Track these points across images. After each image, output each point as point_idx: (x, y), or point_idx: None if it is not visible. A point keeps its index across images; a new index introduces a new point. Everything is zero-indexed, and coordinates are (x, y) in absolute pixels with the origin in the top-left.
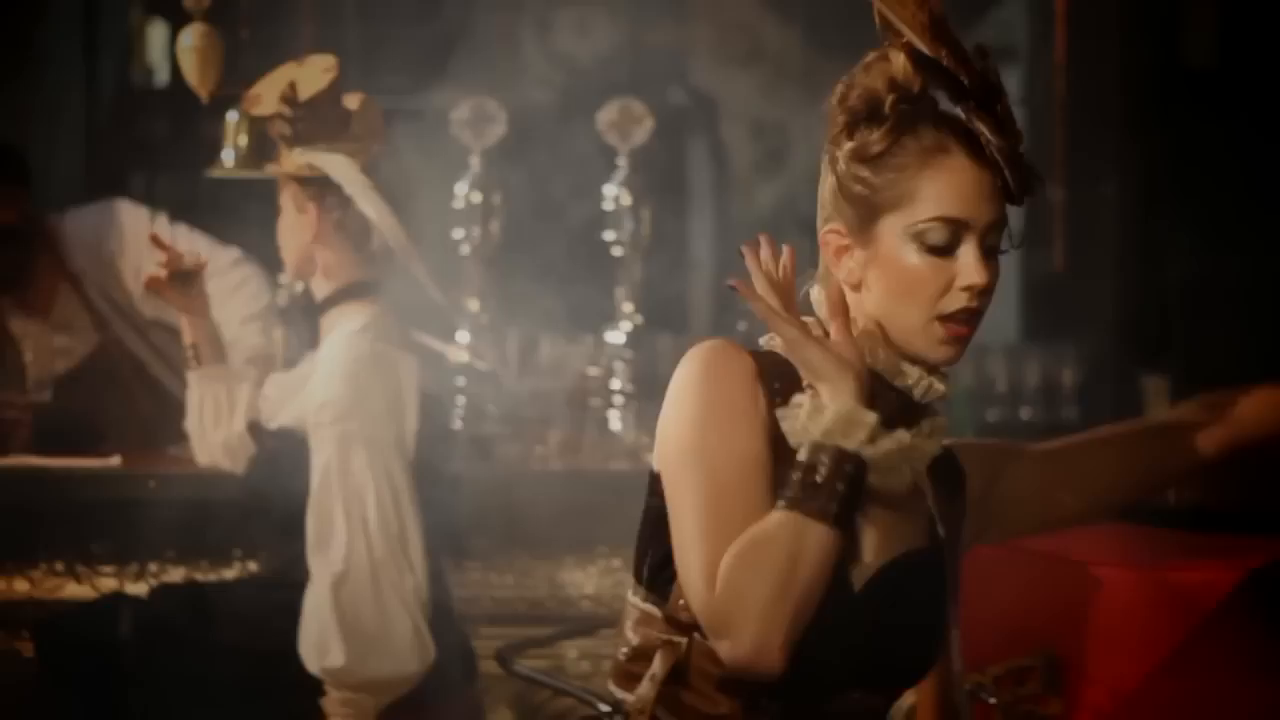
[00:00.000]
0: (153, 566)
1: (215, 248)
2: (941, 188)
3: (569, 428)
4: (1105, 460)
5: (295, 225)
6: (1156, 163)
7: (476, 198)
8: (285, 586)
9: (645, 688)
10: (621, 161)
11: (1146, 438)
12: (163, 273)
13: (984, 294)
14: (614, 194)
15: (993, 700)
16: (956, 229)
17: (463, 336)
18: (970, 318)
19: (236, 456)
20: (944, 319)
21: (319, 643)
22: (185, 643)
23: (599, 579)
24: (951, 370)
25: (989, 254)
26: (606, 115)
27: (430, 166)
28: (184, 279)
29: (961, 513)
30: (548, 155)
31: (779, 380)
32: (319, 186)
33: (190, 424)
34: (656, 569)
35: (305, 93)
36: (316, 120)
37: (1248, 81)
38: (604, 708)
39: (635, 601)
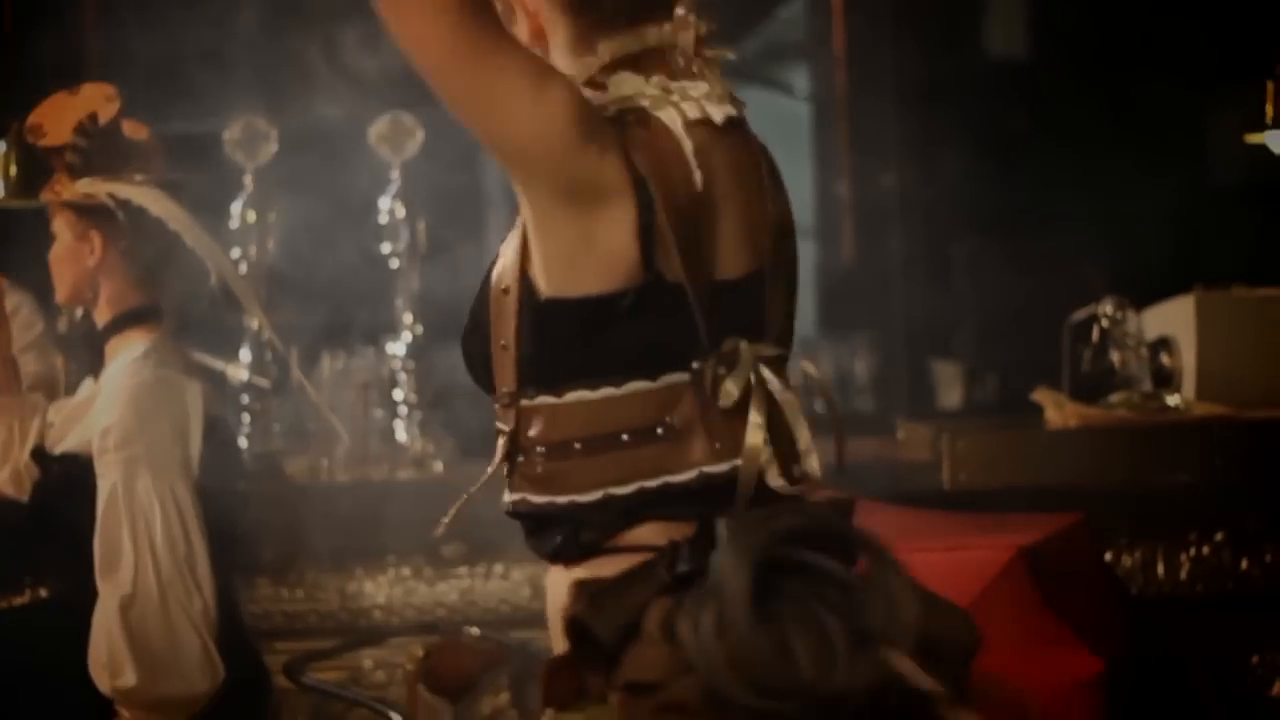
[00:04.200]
0: None
1: None
2: None
3: (354, 440)
4: None
5: (74, 253)
6: (938, 153)
7: (251, 216)
8: (75, 609)
9: None
10: (394, 174)
11: None
12: None
13: None
14: (388, 207)
15: None
16: None
17: (244, 354)
18: None
19: (23, 484)
20: None
21: (110, 663)
22: None
23: (389, 589)
24: None
25: None
26: (378, 129)
27: (225, 189)
28: None
29: None
30: (329, 171)
31: None
32: (102, 214)
33: None
34: None
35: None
36: (107, 149)
37: (1053, 71)
38: (395, 717)
39: None
